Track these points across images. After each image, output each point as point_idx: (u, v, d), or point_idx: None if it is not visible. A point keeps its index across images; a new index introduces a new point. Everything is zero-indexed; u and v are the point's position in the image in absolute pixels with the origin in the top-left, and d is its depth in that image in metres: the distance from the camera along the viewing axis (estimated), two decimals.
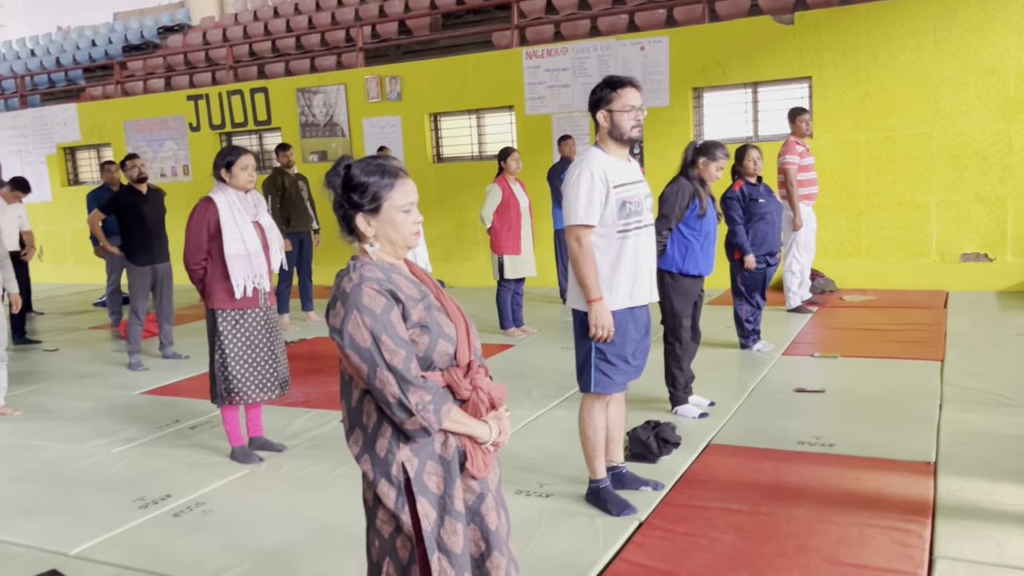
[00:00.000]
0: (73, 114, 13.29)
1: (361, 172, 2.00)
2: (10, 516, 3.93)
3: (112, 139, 12.96)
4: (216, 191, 4.38)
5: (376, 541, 2.05)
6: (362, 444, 2.00)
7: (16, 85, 15.38)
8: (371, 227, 2.01)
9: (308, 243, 8.26)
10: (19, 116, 13.90)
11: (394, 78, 10.65)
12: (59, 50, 16.76)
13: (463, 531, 1.99)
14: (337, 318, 1.92)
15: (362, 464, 2.01)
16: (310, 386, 5.94)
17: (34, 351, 7.91)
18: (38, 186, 13.66)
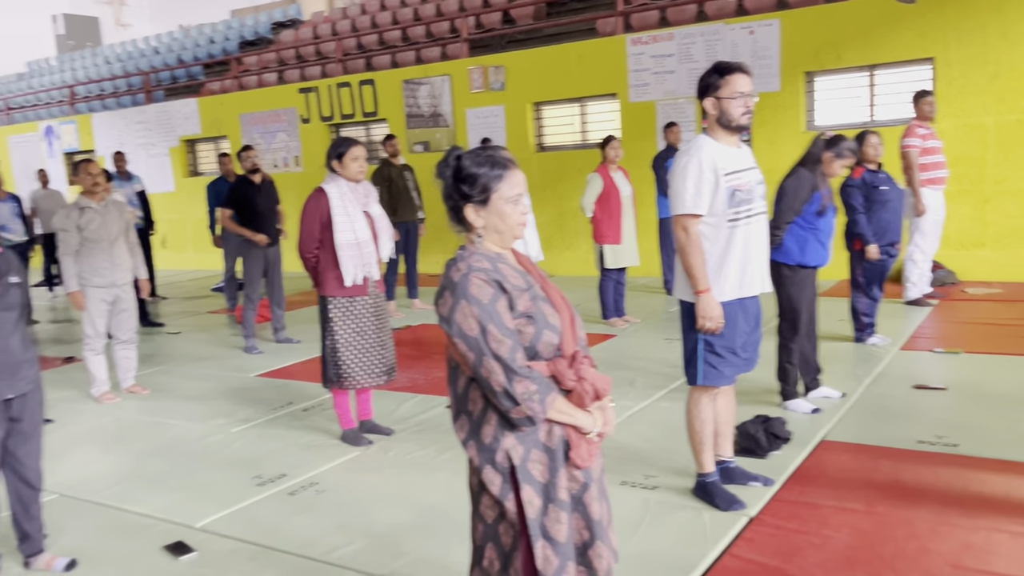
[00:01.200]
0: (194, 108, 13.95)
1: (471, 163, 2.02)
2: (142, 489, 4.18)
3: (229, 132, 13.53)
4: (328, 182, 4.51)
5: (480, 526, 2.08)
6: (468, 430, 2.03)
7: (142, 82, 16.25)
8: (480, 217, 2.03)
9: (414, 232, 8.42)
10: (145, 111, 14.68)
11: (497, 68, 10.71)
12: (180, 47, 17.60)
13: (567, 520, 2.00)
14: (445, 307, 1.95)
15: (468, 450, 2.04)
16: (416, 372, 6.06)
17: (158, 334, 8.36)
18: (162, 177, 14.45)
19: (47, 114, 17.28)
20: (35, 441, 3.26)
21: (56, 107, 17.54)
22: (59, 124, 15.90)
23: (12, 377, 3.09)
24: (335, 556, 3.30)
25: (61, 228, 5.58)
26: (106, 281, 5.64)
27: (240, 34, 16.67)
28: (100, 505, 4.02)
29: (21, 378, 3.13)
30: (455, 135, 11.18)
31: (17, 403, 3.14)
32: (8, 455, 3.18)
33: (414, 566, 3.19)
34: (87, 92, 17.50)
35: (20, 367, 3.12)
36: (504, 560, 2.02)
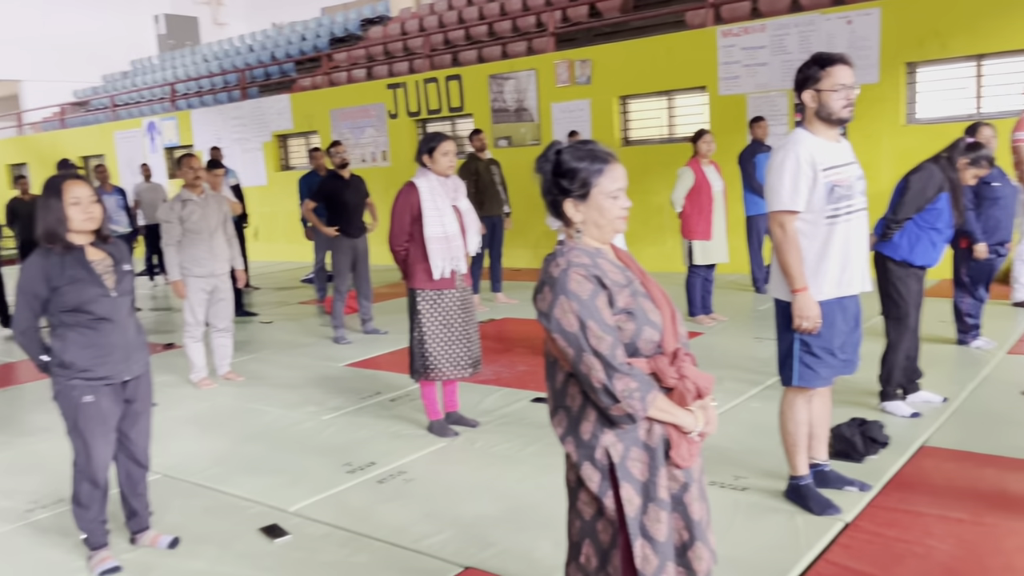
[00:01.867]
0: (286, 104, 14.34)
1: (571, 158, 2.01)
2: (239, 472, 4.33)
3: (319, 127, 13.86)
4: (418, 176, 4.57)
5: (577, 522, 2.07)
6: (566, 426, 2.02)
7: (237, 79, 16.80)
8: (579, 212, 2.02)
9: (499, 226, 8.46)
10: (240, 107, 15.18)
11: (584, 62, 10.65)
12: (274, 45, 18.12)
13: (667, 519, 1.97)
14: (544, 302, 1.94)
15: (566, 445, 2.03)
16: (500, 365, 6.10)
17: (251, 323, 8.64)
18: (255, 171, 14.91)
19: (149, 110, 18.04)
20: (145, 421, 3.42)
21: (158, 104, 18.29)
22: (160, 120, 16.58)
23: (128, 360, 3.25)
24: (424, 545, 3.35)
25: (164, 220, 5.82)
26: (205, 271, 5.86)
27: (330, 31, 17.04)
28: (199, 486, 4.19)
29: (135, 361, 3.29)
30: (540, 130, 11.17)
31: (131, 385, 3.30)
32: (120, 435, 3.35)
33: (501, 558, 3.21)
34: (186, 89, 18.19)
35: (134, 351, 3.28)
36: (602, 557, 2.01)
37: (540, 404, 5.13)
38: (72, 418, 3.20)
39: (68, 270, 3.11)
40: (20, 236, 9.46)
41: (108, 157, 17.60)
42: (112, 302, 3.18)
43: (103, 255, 3.24)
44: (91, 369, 3.16)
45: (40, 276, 3.09)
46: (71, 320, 3.14)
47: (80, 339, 3.15)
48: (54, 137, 19.33)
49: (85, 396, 3.16)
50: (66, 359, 3.14)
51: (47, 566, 3.41)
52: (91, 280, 3.13)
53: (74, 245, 3.16)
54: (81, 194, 3.13)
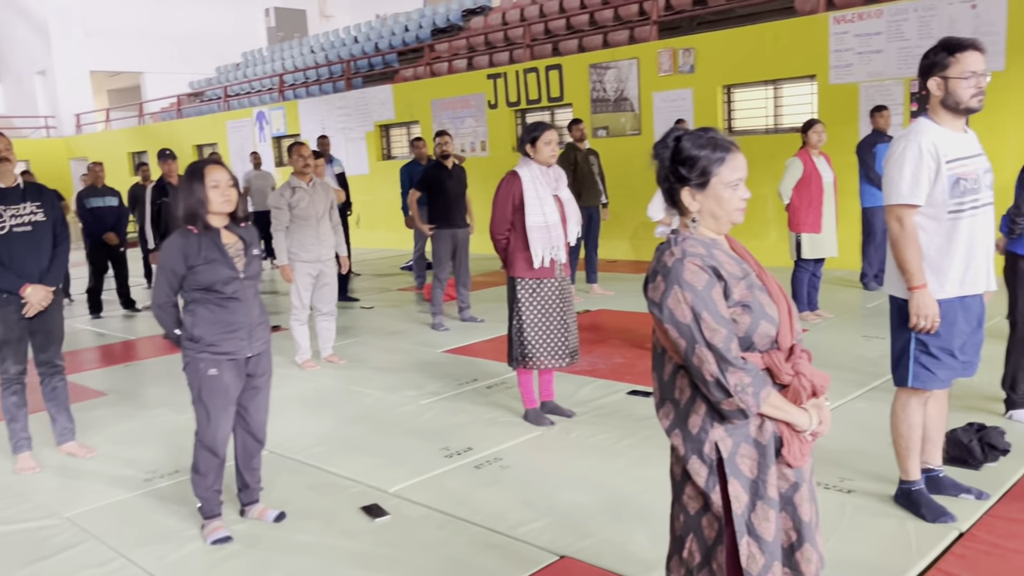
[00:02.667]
0: (389, 95, 14.63)
1: (692, 145, 1.96)
2: (341, 452, 4.46)
3: (420, 117, 14.08)
4: (521, 165, 4.58)
5: (681, 516, 2.04)
6: (673, 418, 1.99)
7: (342, 70, 17.23)
8: (696, 202, 1.98)
9: (596, 217, 8.41)
10: (345, 97, 15.57)
11: (687, 50, 10.46)
12: (377, 36, 18.49)
13: (775, 518, 1.92)
14: (657, 292, 1.91)
15: (672, 438, 2.00)
16: (595, 356, 6.07)
17: (353, 308, 8.87)
18: (358, 160, 15.28)
19: (259, 100, 18.71)
20: (264, 397, 3.59)
21: (267, 94, 18.95)
22: (269, 110, 17.18)
23: (251, 338, 3.43)
24: (520, 532, 3.37)
25: (274, 206, 6.02)
26: (312, 256, 6.05)
27: (432, 22, 17.26)
28: (304, 464, 4.33)
29: (257, 339, 3.47)
30: (640, 119, 11.04)
31: (253, 361, 3.48)
32: (240, 408, 3.51)
33: (598, 548, 3.20)
34: (294, 80, 18.78)
35: (257, 329, 3.47)
36: (706, 553, 1.97)
37: (636, 397, 5.09)
38: (197, 389, 3.39)
39: (204, 250, 3.30)
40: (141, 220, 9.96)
41: (220, 145, 18.36)
42: (240, 283, 3.37)
43: (235, 238, 3.42)
44: (217, 344, 3.34)
45: (179, 254, 3.29)
46: (202, 297, 3.34)
47: (209, 315, 3.34)
48: (171, 126, 20.29)
49: (210, 369, 3.34)
50: (195, 333, 3.34)
51: (163, 531, 3.59)
52: (223, 262, 3.32)
53: (211, 226, 3.34)
54: (220, 178, 3.32)
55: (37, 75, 25.06)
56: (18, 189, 4.31)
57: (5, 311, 4.26)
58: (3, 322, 4.27)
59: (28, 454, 4.46)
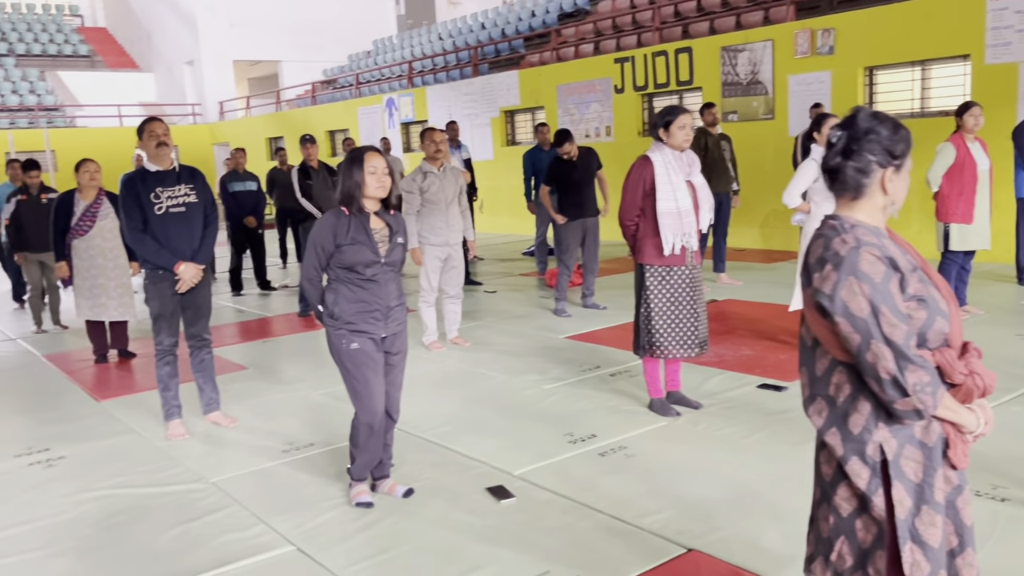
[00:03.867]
0: (514, 80, 14.69)
1: (892, 128, 1.85)
2: (466, 432, 4.54)
3: (545, 102, 14.08)
4: (653, 150, 4.50)
5: (831, 517, 1.94)
6: (828, 416, 1.89)
7: (469, 56, 17.43)
8: (891, 185, 1.87)
9: (726, 204, 8.18)
10: (472, 84, 15.75)
11: (827, 31, 9.98)
12: (504, 22, 18.60)
13: (941, 524, 1.81)
14: (827, 282, 1.80)
15: (828, 437, 1.90)
16: (723, 347, 5.92)
17: (476, 291, 8.99)
18: (482, 146, 15.45)
19: (388, 87, 19.20)
20: (399, 374, 3.71)
21: (396, 81, 19.42)
22: (398, 96, 17.59)
23: (386, 320, 3.56)
24: (646, 521, 3.33)
25: (406, 190, 6.16)
26: (440, 240, 6.16)
27: (560, 6, 17.19)
28: (430, 442, 4.43)
29: (393, 320, 3.60)
30: (774, 103, 10.64)
31: (389, 340, 3.61)
32: None
33: (726, 543, 3.12)
34: (422, 67, 19.15)
35: (393, 311, 3.59)
36: (860, 557, 1.87)
37: (767, 391, 4.93)
38: (343, 364, 3.54)
39: (352, 232, 3.45)
40: (278, 203, 10.43)
41: (351, 131, 18.97)
42: (380, 268, 3.50)
43: (383, 224, 3.56)
44: (354, 323, 3.49)
45: (329, 233, 3.46)
46: (344, 276, 3.49)
47: (349, 295, 3.49)
48: (305, 113, 21.12)
49: (352, 343, 3.49)
50: (335, 311, 3.50)
51: (300, 500, 3.75)
52: (368, 244, 3.46)
53: (364, 210, 3.48)
54: (378, 165, 3.47)
55: (186, 65, 26.60)
56: (174, 172, 4.58)
57: (160, 287, 4.54)
58: (159, 297, 4.56)
59: (179, 421, 4.76)
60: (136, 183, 4.48)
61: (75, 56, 28.51)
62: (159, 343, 4.65)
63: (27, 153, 19.03)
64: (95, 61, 28.78)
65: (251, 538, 3.43)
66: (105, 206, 6.45)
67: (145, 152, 4.55)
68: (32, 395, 5.90)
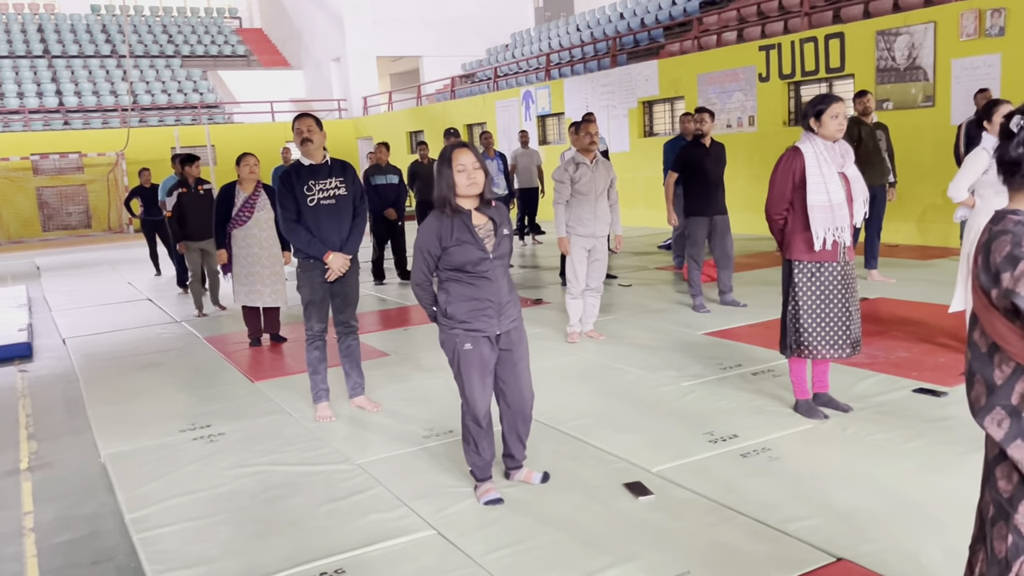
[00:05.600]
0: (654, 70, 14.46)
1: None
2: (602, 427, 4.51)
3: (685, 92, 13.78)
4: (803, 140, 4.30)
5: (1011, 537, 1.79)
6: (1010, 428, 1.75)
7: (608, 47, 17.29)
8: None
9: (881, 197, 7.74)
10: (609, 75, 15.62)
11: (997, 11, 9.25)
12: (643, 11, 18.32)
13: None
14: (1022, 282, 1.68)
15: (1012, 450, 1.75)
16: (875, 348, 5.61)
17: (612, 285, 8.92)
18: (618, 137, 15.30)
19: (526, 80, 19.34)
20: (522, 369, 3.67)
21: (533, 74, 19.53)
22: (535, 89, 17.68)
23: (500, 316, 3.53)
24: (792, 527, 3.20)
25: (557, 180, 6.20)
26: (587, 231, 6.15)
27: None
28: (567, 435, 4.43)
29: (507, 316, 3.56)
30: (934, 89, 9.98)
31: (504, 337, 3.58)
32: (501, 381, 3.64)
33: (881, 555, 2.95)
34: (559, 59, 19.16)
35: (507, 307, 3.56)
36: None
37: (924, 396, 4.64)
38: (455, 363, 3.56)
39: (456, 232, 3.43)
40: (419, 195, 10.72)
41: (489, 124, 19.24)
42: (490, 263, 3.47)
43: (485, 219, 3.52)
44: (468, 321, 3.48)
45: (434, 236, 3.46)
46: (454, 276, 3.48)
47: (461, 293, 3.48)
48: (445, 107, 21.58)
49: (465, 344, 3.49)
50: (449, 310, 3.50)
51: (440, 486, 3.84)
52: (474, 243, 3.43)
53: (462, 209, 3.46)
54: (466, 161, 3.41)
55: (332, 62, 27.77)
56: (326, 165, 4.78)
57: (311, 275, 4.76)
58: (309, 284, 4.78)
59: (326, 404, 4.98)
60: (291, 176, 4.71)
61: (233, 56, 30.35)
62: (309, 329, 4.88)
63: (190, 148, 20.44)
64: (251, 60, 30.53)
65: (394, 520, 3.53)
66: (263, 198, 6.81)
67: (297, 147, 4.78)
68: (194, 374, 6.33)
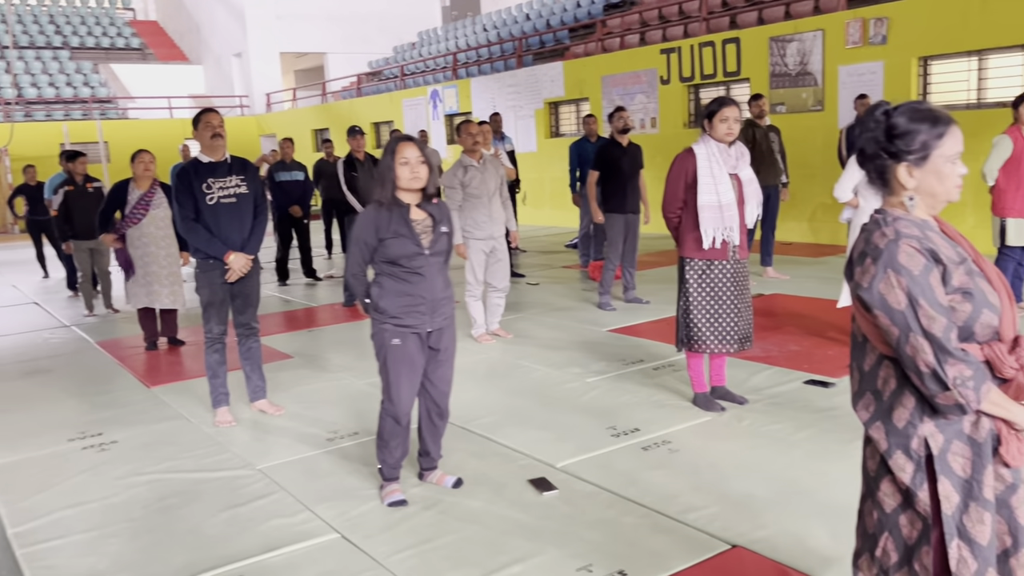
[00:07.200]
0: (559, 71, 14.63)
1: (908, 119, 1.83)
2: (508, 425, 4.54)
3: (590, 94, 14.00)
4: (698, 142, 4.44)
5: (875, 512, 1.93)
6: (874, 411, 1.88)
7: (514, 47, 17.40)
8: (913, 178, 1.84)
9: (774, 197, 8.06)
10: (516, 75, 15.73)
11: (880, 20, 9.76)
12: (549, 13, 18.52)
13: (990, 521, 1.78)
14: (866, 275, 1.79)
15: (872, 431, 1.89)
16: (769, 343, 5.84)
17: (519, 284, 8.98)
18: (526, 138, 15.42)
19: (433, 79, 19.27)
20: (447, 369, 3.67)
21: (440, 73, 19.48)
22: (443, 88, 17.64)
23: (433, 313, 3.51)
24: (690, 517, 3.31)
25: (448, 186, 6.16)
26: (485, 234, 6.16)
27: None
28: (473, 433, 4.44)
29: (440, 314, 3.55)
30: (823, 94, 10.45)
31: (435, 335, 3.57)
32: (426, 380, 3.63)
33: (772, 541, 3.08)
34: (467, 58, 19.17)
35: (440, 304, 3.54)
36: (905, 553, 1.86)
37: (814, 387, 4.86)
38: (382, 357, 3.53)
39: (393, 225, 3.41)
40: (324, 194, 10.53)
41: (396, 123, 19.08)
42: (424, 259, 3.45)
43: (425, 215, 3.50)
44: (400, 317, 3.46)
45: (371, 227, 3.43)
46: (389, 270, 3.46)
47: (394, 288, 3.45)
48: (351, 104, 21.30)
49: (394, 339, 3.46)
50: (381, 304, 3.47)
51: (344, 489, 3.80)
52: (410, 237, 3.41)
53: (402, 203, 3.44)
54: (410, 155, 3.40)
55: (234, 57, 27.01)
56: (226, 163, 4.65)
57: (211, 275, 4.63)
58: (209, 286, 4.64)
59: (226, 408, 4.85)
60: (189, 174, 4.56)
61: (127, 49, 29.14)
62: (208, 331, 4.74)
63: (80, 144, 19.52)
64: (147, 54, 29.38)
65: (297, 524, 3.48)
66: (159, 196, 6.58)
67: (200, 143, 4.63)
68: (85, 381, 6.06)
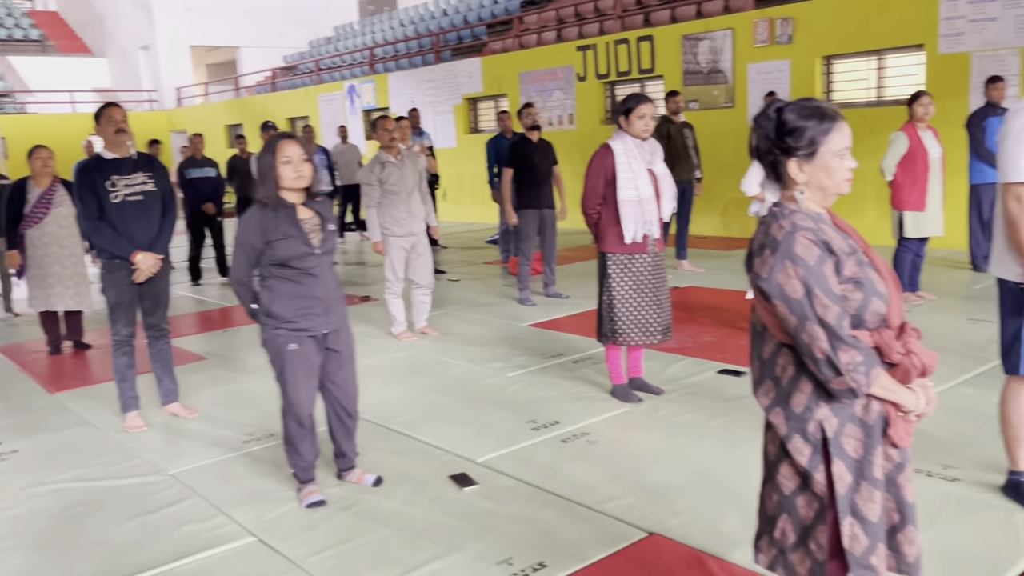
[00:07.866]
0: (477, 67, 14.63)
1: (797, 116, 1.90)
2: (428, 421, 4.53)
3: (508, 90, 14.05)
4: (615, 138, 4.51)
5: (774, 495, 2.01)
6: (774, 397, 1.95)
7: (432, 43, 17.31)
8: (803, 173, 1.92)
9: (689, 192, 8.25)
10: (434, 71, 15.65)
11: (786, 20, 10.09)
12: (466, 8, 18.49)
13: (880, 499, 1.88)
14: (765, 266, 1.86)
15: (772, 416, 1.96)
16: (684, 335, 5.98)
17: (440, 280, 8.95)
18: (445, 134, 15.37)
19: (350, 74, 19.00)
20: (349, 369, 3.62)
21: (358, 67, 19.22)
22: (360, 83, 17.42)
23: (327, 314, 3.45)
24: (608, 507, 3.37)
25: (365, 182, 6.09)
26: (404, 230, 6.11)
27: None
28: (394, 431, 4.42)
29: (334, 315, 3.49)
30: (734, 92, 10.75)
31: (332, 336, 3.51)
32: (328, 382, 3.58)
33: (687, 528, 3.17)
34: (384, 53, 18.98)
35: (334, 305, 3.48)
36: (801, 533, 1.94)
37: (727, 376, 5.00)
38: (279, 364, 3.44)
39: (280, 226, 3.32)
40: (239, 191, 10.29)
41: (312, 118, 18.75)
42: (316, 259, 3.38)
43: (311, 214, 3.43)
44: (294, 321, 3.38)
45: (256, 229, 3.32)
46: (279, 273, 3.37)
47: (286, 291, 3.37)
48: (266, 99, 20.82)
49: (290, 344, 3.39)
50: (273, 309, 3.38)
51: (260, 491, 3.72)
52: (299, 237, 3.33)
53: (287, 203, 3.36)
54: (292, 153, 3.30)
55: (141, 50, 26.06)
56: (131, 160, 4.49)
57: (117, 276, 4.46)
58: (115, 286, 4.48)
59: (136, 413, 4.69)
60: (92, 171, 4.39)
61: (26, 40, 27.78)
62: (116, 333, 4.58)
63: None
64: (46, 46, 28.07)
65: (210, 530, 3.39)
66: (60, 193, 6.31)
67: (103, 138, 4.45)
68: None
